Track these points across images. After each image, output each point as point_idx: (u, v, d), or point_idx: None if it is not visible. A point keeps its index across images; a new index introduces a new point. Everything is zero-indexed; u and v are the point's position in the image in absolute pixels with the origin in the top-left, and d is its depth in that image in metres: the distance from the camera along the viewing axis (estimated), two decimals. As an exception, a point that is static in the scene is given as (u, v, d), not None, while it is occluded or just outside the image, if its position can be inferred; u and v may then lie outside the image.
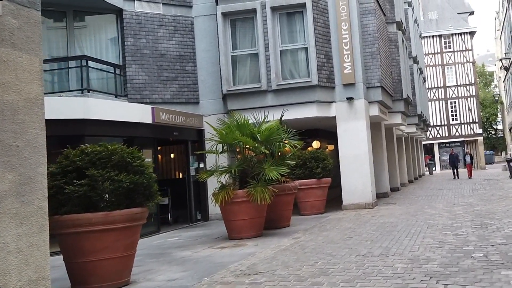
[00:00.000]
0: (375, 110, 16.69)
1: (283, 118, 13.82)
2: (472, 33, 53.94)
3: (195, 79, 16.33)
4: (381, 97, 16.58)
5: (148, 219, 14.15)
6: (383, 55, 17.59)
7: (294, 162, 12.21)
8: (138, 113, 13.00)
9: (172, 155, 17.43)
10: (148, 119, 13.26)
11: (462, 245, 8.40)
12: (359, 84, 15.75)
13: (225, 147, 11.36)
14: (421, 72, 33.69)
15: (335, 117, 15.91)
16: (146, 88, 15.26)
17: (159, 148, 15.50)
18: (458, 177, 30.81)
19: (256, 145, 10.84)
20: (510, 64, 36.26)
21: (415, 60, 28.79)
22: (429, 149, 54.46)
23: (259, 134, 10.94)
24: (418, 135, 35.16)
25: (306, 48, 15.49)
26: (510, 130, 51.18)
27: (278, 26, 15.62)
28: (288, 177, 12.25)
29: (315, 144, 22.33)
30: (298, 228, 11.96)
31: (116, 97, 14.36)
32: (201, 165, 15.66)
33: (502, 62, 35.05)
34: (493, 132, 76.09)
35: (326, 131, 20.70)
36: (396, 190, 23.11)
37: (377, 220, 12.61)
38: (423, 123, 34.20)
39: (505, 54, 38.38)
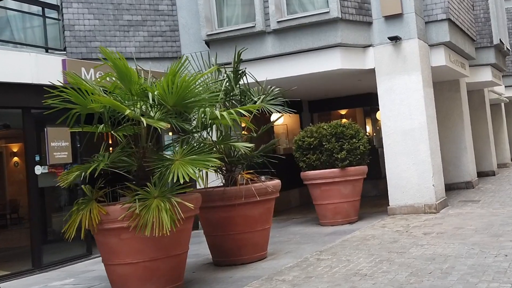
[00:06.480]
0: (440, 58, 10.81)
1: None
2: None
3: (174, 23, 11.51)
4: (448, 37, 10.66)
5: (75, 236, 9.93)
6: (457, -24, 11.59)
7: (251, 145, 6.75)
8: (30, 68, 8.42)
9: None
10: (55, 78, 8.54)
11: None
12: (409, 15, 10.05)
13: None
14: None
15: (373, 69, 10.39)
16: (96, 38, 10.71)
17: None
18: None
19: (137, 114, 5.62)
20: None
21: (522, 1, 21.69)
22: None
23: (156, 93, 5.77)
24: (529, 102, 27.61)
25: (323, -37, 10.05)
26: None
27: None
28: (254, 174, 7.09)
29: (379, 116, 16.78)
30: (267, 268, 6.68)
31: (47, 51, 10.06)
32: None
33: None
34: None
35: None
36: (490, 175, 16.89)
37: (426, 247, 6.82)
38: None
39: None
